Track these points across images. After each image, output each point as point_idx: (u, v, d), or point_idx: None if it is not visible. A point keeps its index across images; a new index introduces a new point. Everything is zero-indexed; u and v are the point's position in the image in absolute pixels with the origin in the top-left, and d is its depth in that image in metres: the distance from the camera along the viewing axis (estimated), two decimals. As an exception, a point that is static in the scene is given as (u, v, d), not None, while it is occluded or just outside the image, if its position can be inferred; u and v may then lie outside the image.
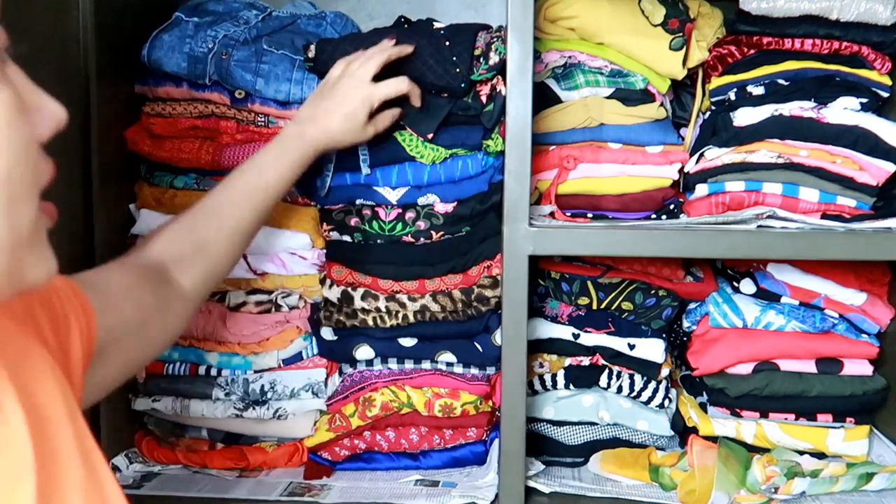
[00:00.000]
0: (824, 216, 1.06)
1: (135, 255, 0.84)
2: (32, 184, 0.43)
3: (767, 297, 1.17)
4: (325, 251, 1.15)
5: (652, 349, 1.16)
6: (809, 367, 1.15)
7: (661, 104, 1.14)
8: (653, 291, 1.16)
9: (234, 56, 1.10)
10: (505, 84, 1.01)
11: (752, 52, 1.14)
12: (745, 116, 1.11)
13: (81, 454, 0.53)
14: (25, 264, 0.44)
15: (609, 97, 1.13)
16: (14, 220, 0.42)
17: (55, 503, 0.49)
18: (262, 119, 1.13)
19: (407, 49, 1.03)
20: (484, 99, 1.06)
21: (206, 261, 0.87)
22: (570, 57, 1.16)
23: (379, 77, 1.00)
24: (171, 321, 0.84)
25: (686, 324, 1.21)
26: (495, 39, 1.07)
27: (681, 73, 1.14)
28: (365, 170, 1.07)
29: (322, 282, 1.15)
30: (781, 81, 1.11)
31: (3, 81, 0.41)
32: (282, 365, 1.16)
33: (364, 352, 1.14)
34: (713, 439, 1.14)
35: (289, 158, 0.93)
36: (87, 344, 0.67)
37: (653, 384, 1.17)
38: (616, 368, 1.18)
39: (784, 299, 1.16)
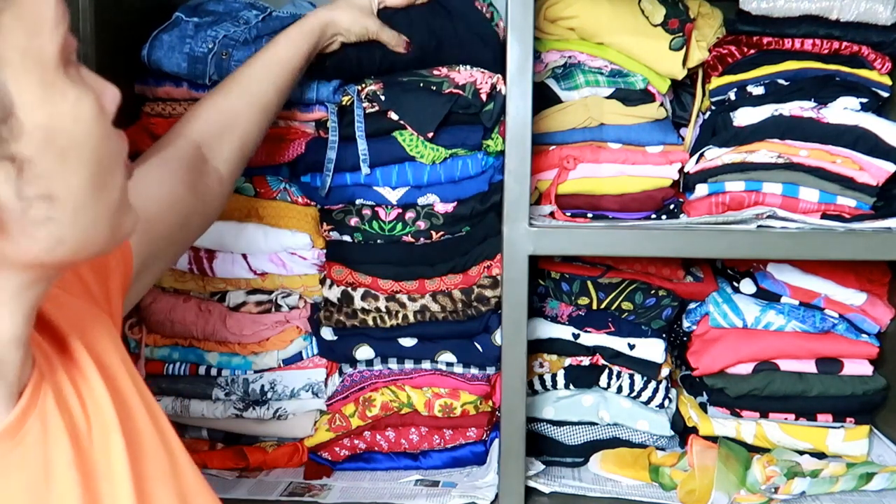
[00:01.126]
0: (824, 216, 1.06)
1: (171, 142, 0.86)
2: (117, 157, 0.51)
3: (767, 297, 1.17)
4: (325, 251, 1.15)
5: (652, 349, 1.16)
6: (809, 367, 1.15)
7: (661, 104, 1.14)
8: (653, 291, 1.16)
9: (234, 56, 1.10)
10: (505, 83, 1.01)
11: (752, 52, 1.14)
12: (745, 116, 1.11)
13: (146, 406, 0.61)
14: (122, 221, 0.52)
15: (609, 97, 1.13)
16: (111, 192, 0.50)
17: (138, 453, 0.57)
18: (263, 119, 1.13)
19: None
20: (484, 97, 1.06)
21: (237, 137, 0.91)
22: (570, 57, 1.16)
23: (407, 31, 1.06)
24: (209, 211, 0.89)
25: (686, 324, 1.21)
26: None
27: (681, 73, 1.14)
28: (365, 169, 1.07)
29: (322, 282, 1.15)
30: (781, 81, 1.11)
31: (83, 84, 0.48)
32: (282, 365, 1.16)
33: (364, 352, 1.14)
34: (713, 439, 1.14)
35: (298, 32, 0.97)
36: (125, 279, 0.72)
37: (653, 384, 1.17)
38: (616, 368, 1.18)
39: (784, 299, 1.16)
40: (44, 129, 0.45)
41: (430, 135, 1.05)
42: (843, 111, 1.09)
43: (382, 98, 1.07)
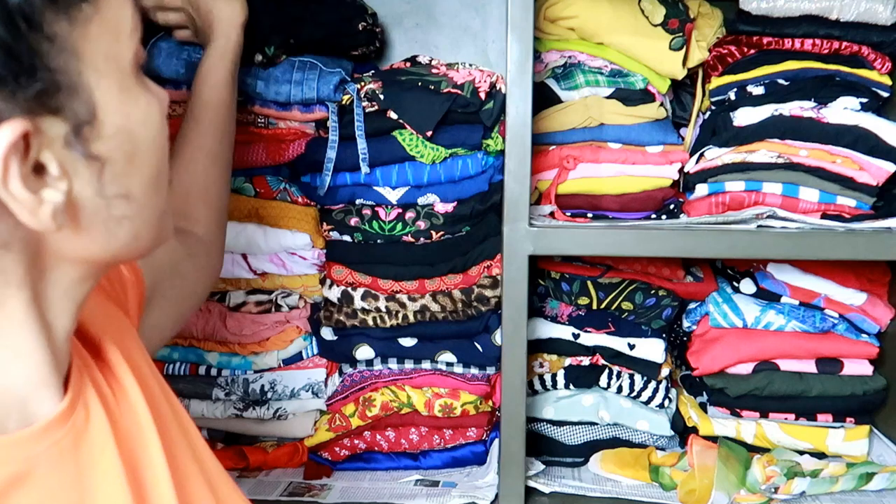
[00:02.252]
0: (824, 216, 1.06)
1: None
2: (168, 160, 0.54)
3: (767, 296, 1.17)
4: (324, 251, 1.15)
5: (652, 349, 1.16)
6: (809, 366, 1.15)
7: (661, 104, 1.14)
8: (653, 291, 1.16)
9: None
10: (505, 82, 1.01)
11: (752, 51, 1.14)
12: (745, 116, 1.11)
13: (169, 404, 0.63)
14: (166, 222, 0.56)
15: (609, 97, 1.13)
16: (162, 191, 0.53)
17: (173, 458, 0.58)
18: (263, 120, 1.12)
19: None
20: (483, 96, 1.06)
21: (200, 202, 0.90)
22: (570, 57, 1.16)
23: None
24: (201, 265, 0.88)
25: (686, 324, 1.21)
26: None
27: (681, 73, 1.14)
28: (364, 168, 1.07)
29: (322, 282, 1.15)
30: (781, 81, 1.11)
31: (149, 90, 0.51)
32: (282, 365, 1.16)
33: (364, 352, 1.14)
34: (713, 439, 1.14)
35: (210, 64, 0.94)
36: (139, 297, 0.73)
37: (653, 384, 1.17)
38: (616, 368, 1.18)
39: (784, 299, 1.16)
40: (121, 131, 0.48)
41: (429, 133, 1.05)
42: (843, 111, 1.09)
43: (381, 97, 1.07)
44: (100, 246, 0.50)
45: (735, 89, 1.13)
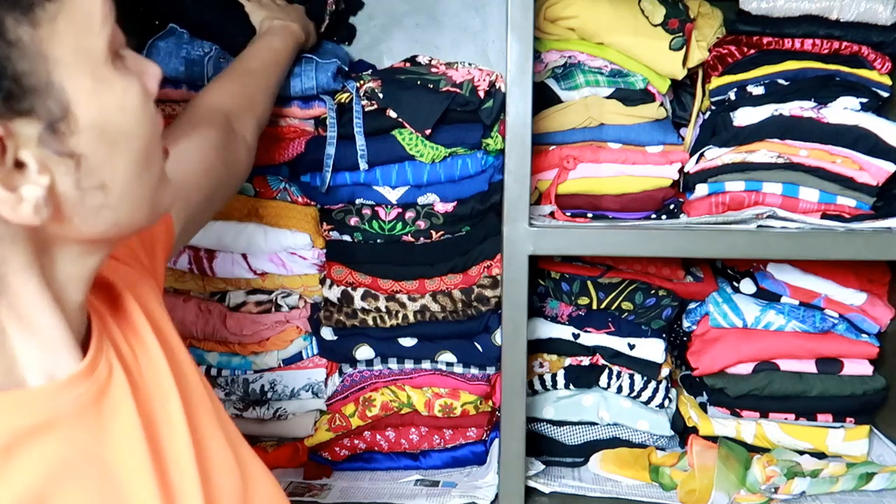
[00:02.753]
0: (824, 216, 1.06)
1: (202, 112, 0.91)
2: (158, 138, 0.54)
3: (767, 296, 1.17)
4: (324, 251, 1.15)
5: (652, 349, 1.16)
6: (809, 366, 1.15)
7: (661, 104, 1.14)
8: (653, 291, 1.16)
9: (230, 59, 1.10)
10: (504, 81, 1.01)
11: (752, 51, 1.14)
12: (745, 116, 1.11)
13: (197, 373, 0.65)
14: (161, 196, 0.56)
15: (609, 97, 1.13)
16: (152, 171, 0.54)
17: (194, 417, 0.60)
18: (262, 118, 1.13)
19: None
20: (482, 94, 1.06)
21: (255, 113, 0.97)
22: (570, 57, 1.16)
23: None
24: (235, 179, 0.94)
25: (686, 324, 1.21)
26: None
27: (681, 73, 1.14)
28: (363, 165, 1.07)
29: (322, 282, 1.15)
30: (781, 81, 1.11)
31: (127, 73, 0.51)
32: (282, 365, 1.16)
33: (364, 352, 1.13)
34: (713, 439, 1.14)
35: (283, 33, 1.07)
36: (168, 248, 0.77)
37: (653, 384, 1.17)
38: (616, 368, 1.18)
39: (784, 299, 1.16)
40: (97, 124, 0.48)
41: (428, 132, 1.05)
42: (843, 111, 1.09)
43: (381, 95, 1.07)
44: (85, 231, 0.51)
45: (735, 89, 1.13)
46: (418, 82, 1.08)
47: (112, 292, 0.62)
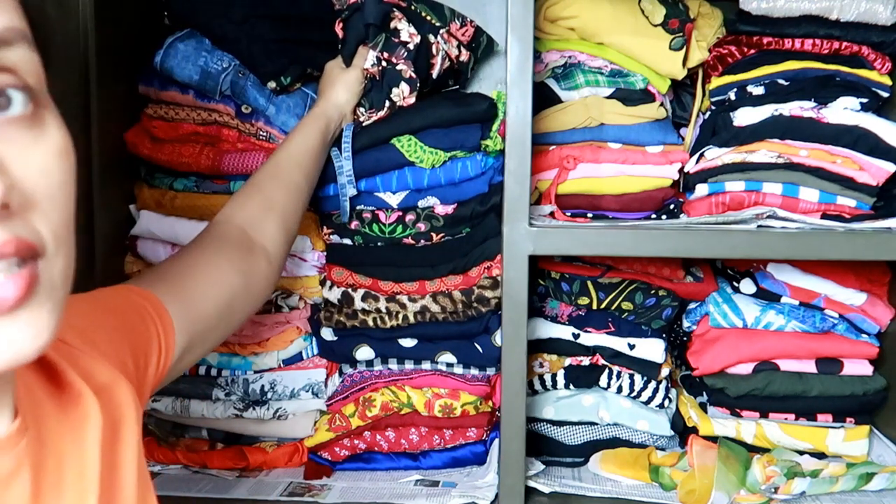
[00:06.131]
0: (824, 216, 1.06)
1: (216, 227, 0.88)
2: None
3: (767, 297, 1.17)
4: (324, 253, 1.15)
5: (652, 349, 1.16)
6: (809, 367, 1.15)
7: (661, 104, 1.14)
8: (653, 291, 1.16)
9: (250, 77, 1.10)
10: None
11: (752, 52, 1.14)
12: (745, 116, 1.11)
13: (140, 484, 0.58)
14: None
15: (609, 97, 1.13)
16: None
17: (112, 492, 0.54)
18: (265, 134, 1.13)
19: None
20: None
21: (278, 217, 0.93)
22: (570, 57, 1.16)
23: None
24: (254, 294, 0.88)
25: (686, 324, 1.21)
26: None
27: (681, 73, 1.14)
28: (351, 191, 1.07)
29: (322, 283, 1.15)
30: (781, 81, 1.11)
31: None
32: (282, 365, 1.16)
33: (364, 352, 1.13)
34: (713, 439, 1.14)
35: (310, 124, 1.02)
36: (163, 366, 0.71)
37: (653, 384, 1.17)
38: (616, 368, 1.18)
39: (784, 299, 1.16)
40: None
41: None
42: (843, 111, 1.09)
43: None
44: None
45: (735, 89, 1.13)
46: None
47: (72, 387, 0.55)
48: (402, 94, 1.06)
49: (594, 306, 1.17)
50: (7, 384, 0.48)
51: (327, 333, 1.15)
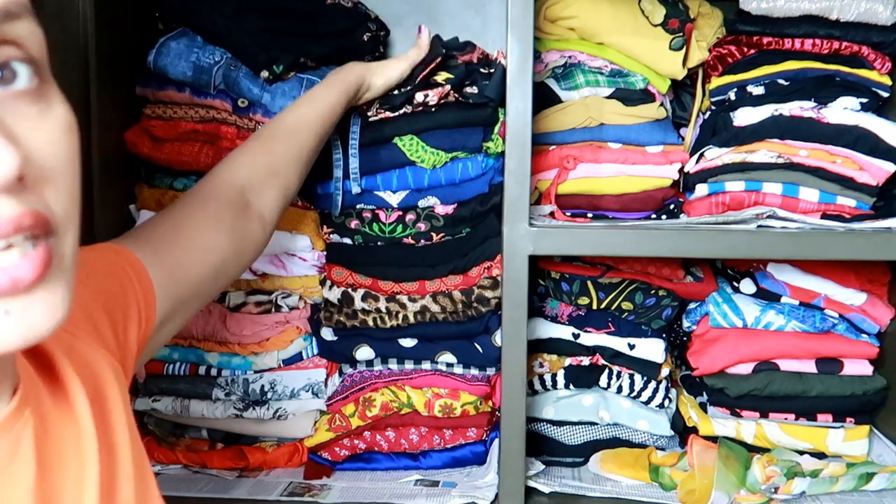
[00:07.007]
0: (824, 216, 1.06)
1: (213, 185, 0.85)
2: None
3: (767, 297, 1.17)
4: (324, 253, 1.15)
5: (652, 349, 1.16)
6: (809, 367, 1.15)
7: (661, 104, 1.14)
8: (653, 291, 1.16)
9: (242, 68, 1.10)
10: (504, 55, 1.01)
11: (752, 52, 1.14)
12: (745, 116, 1.11)
13: (134, 453, 0.58)
14: None
15: (609, 97, 1.13)
16: None
17: (112, 488, 0.54)
18: (262, 128, 1.13)
19: None
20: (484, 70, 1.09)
21: (280, 184, 0.90)
22: (570, 57, 1.16)
23: None
24: (244, 257, 0.86)
25: (686, 324, 1.21)
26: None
27: (681, 73, 1.14)
28: (355, 188, 1.07)
29: (322, 283, 1.15)
30: (781, 81, 1.11)
31: None
32: (282, 365, 1.16)
33: (364, 352, 1.14)
34: (713, 439, 1.14)
35: (336, 85, 0.99)
36: (145, 329, 0.69)
37: (653, 384, 1.17)
38: (616, 368, 1.18)
39: (784, 299, 1.16)
40: None
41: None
42: (843, 111, 1.09)
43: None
44: None
45: (735, 89, 1.13)
46: None
47: (55, 368, 0.55)
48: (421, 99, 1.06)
49: (594, 306, 1.17)
50: (8, 357, 0.48)
51: (327, 333, 1.15)
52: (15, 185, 0.39)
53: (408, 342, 1.14)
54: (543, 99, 1.12)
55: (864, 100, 1.10)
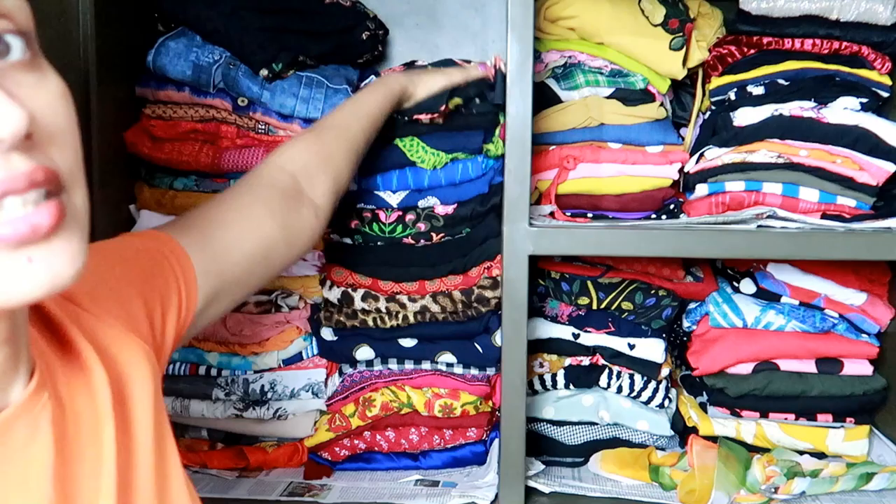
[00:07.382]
0: (824, 216, 1.06)
1: (264, 172, 0.85)
2: None
3: (767, 296, 1.17)
4: (324, 253, 1.15)
5: (652, 349, 1.16)
6: (809, 366, 1.15)
7: (661, 104, 1.14)
8: (653, 291, 1.16)
9: (241, 67, 1.10)
10: (504, 61, 1.02)
11: (752, 52, 1.14)
12: (745, 116, 1.11)
13: (155, 426, 0.58)
14: None
15: (609, 97, 1.13)
16: None
17: (128, 448, 0.55)
18: (263, 126, 1.13)
19: None
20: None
21: (332, 174, 0.90)
22: (570, 57, 1.16)
23: None
24: (295, 247, 0.85)
25: (686, 324, 1.21)
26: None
27: (681, 73, 1.14)
28: (352, 186, 1.07)
29: (322, 283, 1.15)
30: (781, 81, 1.11)
31: None
32: (282, 365, 1.16)
33: (364, 352, 1.14)
34: (713, 439, 1.14)
35: (383, 91, 1.01)
36: (185, 316, 0.70)
37: (653, 384, 1.17)
38: (616, 368, 1.18)
39: (784, 299, 1.16)
40: None
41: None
42: (843, 111, 1.09)
43: None
44: None
45: (735, 89, 1.13)
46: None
47: (74, 347, 0.55)
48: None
49: (594, 306, 1.17)
50: (23, 337, 0.49)
51: (327, 333, 1.15)
52: (25, 143, 0.40)
53: (408, 342, 1.14)
54: (543, 99, 1.13)
55: (864, 100, 1.10)
